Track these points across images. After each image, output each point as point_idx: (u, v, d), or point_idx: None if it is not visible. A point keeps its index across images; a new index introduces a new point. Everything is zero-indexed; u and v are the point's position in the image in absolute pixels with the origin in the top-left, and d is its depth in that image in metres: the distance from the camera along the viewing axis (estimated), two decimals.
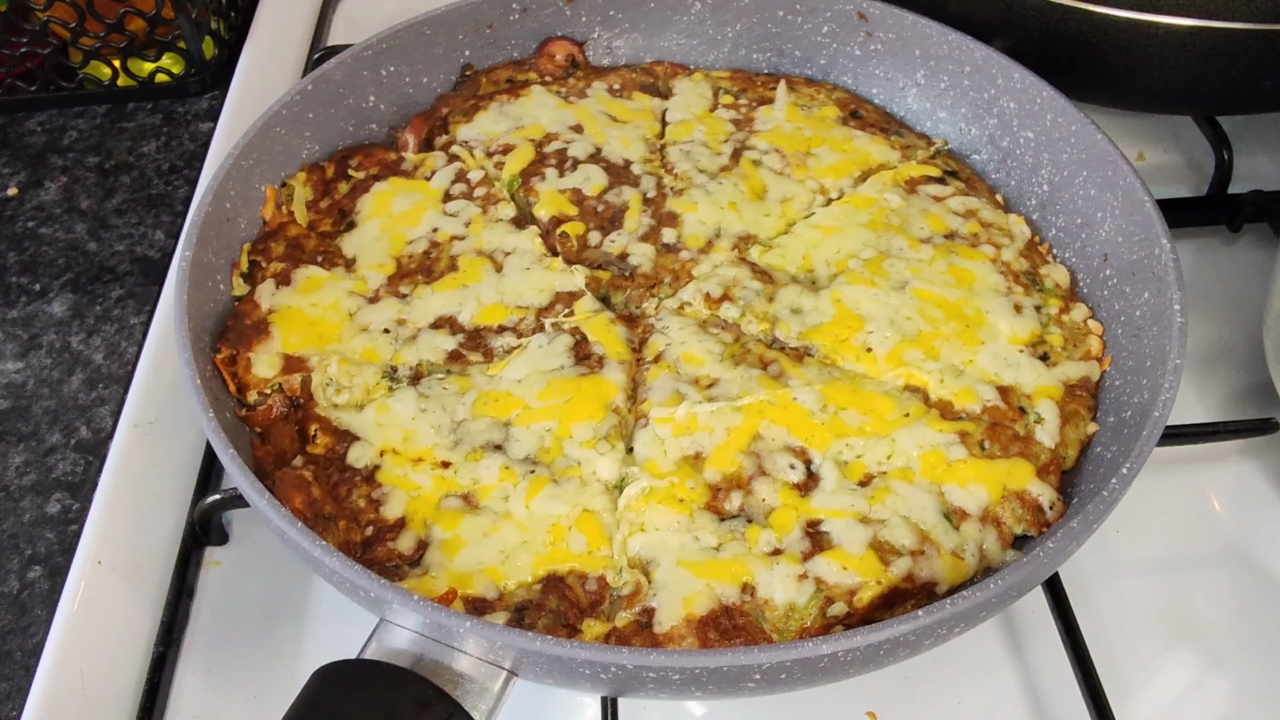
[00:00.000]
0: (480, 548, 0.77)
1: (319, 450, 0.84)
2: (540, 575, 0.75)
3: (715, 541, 0.77)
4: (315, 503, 0.78)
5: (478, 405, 0.86)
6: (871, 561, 0.75)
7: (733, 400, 0.85)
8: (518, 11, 1.14)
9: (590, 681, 0.66)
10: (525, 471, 0.81)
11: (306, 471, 0.81)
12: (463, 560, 0.76)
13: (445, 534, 0.77)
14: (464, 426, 0.84)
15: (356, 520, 0.79)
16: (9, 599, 0.91)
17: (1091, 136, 0.96)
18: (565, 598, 0.74)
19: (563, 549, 0.77)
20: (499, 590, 0.74)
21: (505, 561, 0.76)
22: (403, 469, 0.82)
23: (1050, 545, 0.69)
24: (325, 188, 1.03)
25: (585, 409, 0.85)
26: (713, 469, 0.81)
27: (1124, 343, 0.89)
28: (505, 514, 0.79)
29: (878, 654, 0.66)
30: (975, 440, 0.83)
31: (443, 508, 0.79)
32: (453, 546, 0.77)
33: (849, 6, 1.12)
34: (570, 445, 0.83)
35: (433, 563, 0.76)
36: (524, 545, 0.77)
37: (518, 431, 0.84)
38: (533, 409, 0.85)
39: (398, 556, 0.77)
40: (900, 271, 0.95)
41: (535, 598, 0.74)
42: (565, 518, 0.79)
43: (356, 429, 0.85)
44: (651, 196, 1.04)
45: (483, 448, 0.83)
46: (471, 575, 0.75)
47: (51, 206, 1.25)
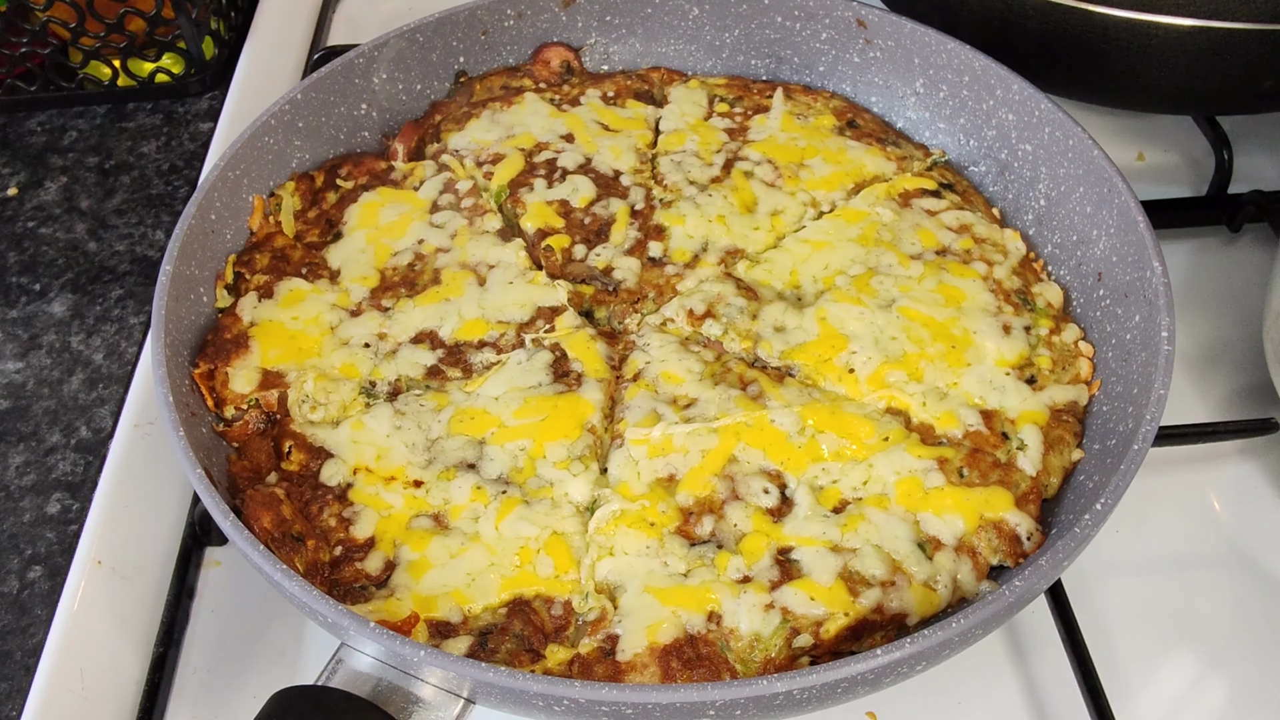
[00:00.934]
0: (447, 570, 0.77)
1: (293, 467, 0.84)
2: (506, 599, 0.76)
3: (684, 568, 0.77)
4: (284, 522, 0.78)
5: (453, 423, 0.86)
6: (839, 592, 0.74)
7: (709, 421, 0.85)
8: (513, 17, 1.14)
9: (545, 713, 0.66)
10: (497, 492, 0.81)
11: (279, 489, 0.81)
12: (429, 582, 0.76)
13: (413, 555, 0.78)
14: (438, 445, 0.85)
15: (326, 540, 0.79)
16: (9, 599, 0.92)
17: (1089, 152, 0.95)
18: (530, 622, 0.74)
19: (529, 572, 0.77)
20: (463, 614, 0.75)
21: (471, 584, 0.76)
22: (375, 487, 0.82)
23: (1018, 583, 0.68)
24: (314, 197, 1.03)
25: (561, 428, 0.85)
26: (686, 492, 0.81)
27: (1114, 366, 0.88)
28: (474, 535, 0.79)
29: (835, 691, 0.65)
30: (954, 467, 0.83)
31: (413, 528, 0.80)
32: (420, 568, 0.77)
33: (848, 13, 1.11)
34: (544, 466, 0.83)
35: (399, 584, 0.76)
36: (491, 568, 0.77)
37: (492, 450, 0.84)
38: (508, 427, 0.85)
39: (365, 577, 0.77)
40: (888, 289, 0.94)
41: (500, 621, 0.74)
42: (534, 540, 0.79)
43: (331, 446, 0.85)
44: (639, 209, 1.03)
45: (456, 466, 0.83)
46: (436, 598, 0.75)
47: (51, 206, 1.26)
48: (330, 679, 0.67)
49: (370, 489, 0.82)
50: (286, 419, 0.88)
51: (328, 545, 0.79)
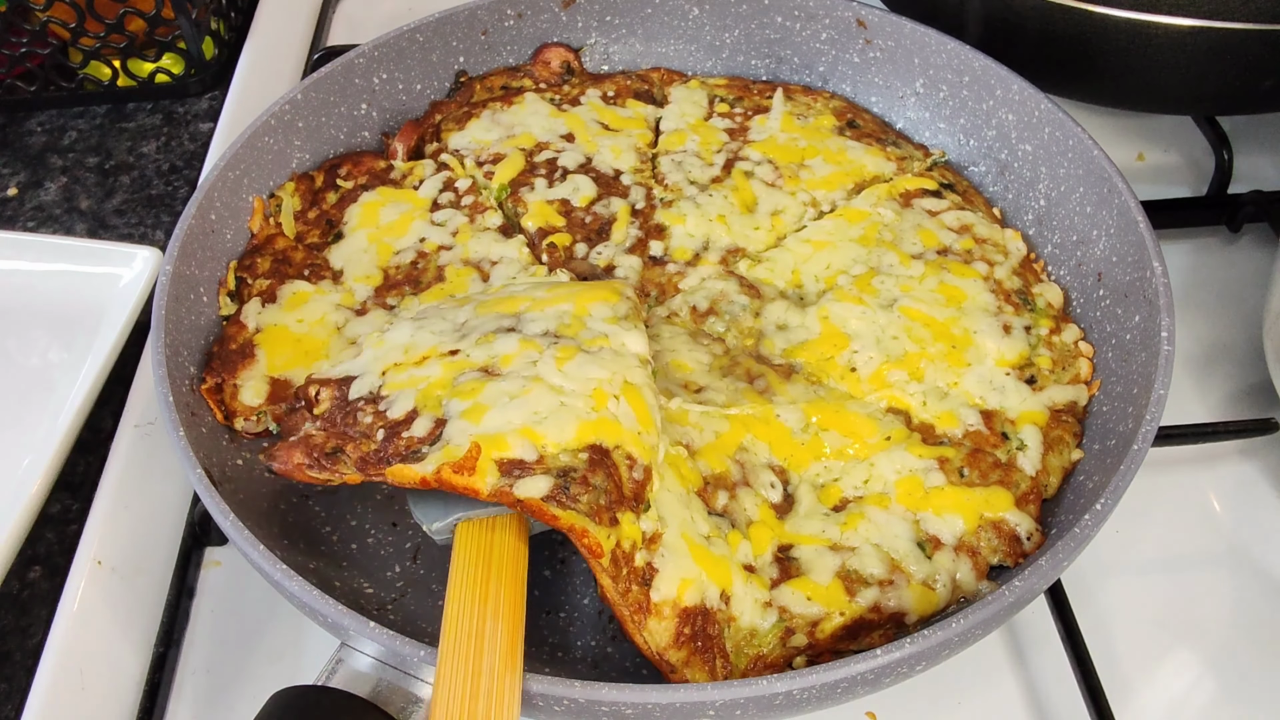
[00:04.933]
0: (509, 409, 0.67)
1: (324, 408, 0.79)
2: (586, 442, 0.67)
3: (706, 530, 0.76)
4: (317, 447, 0.74)
5: (480, 308, 0.80)
6: (836, 592, 0.74)
7: (720, 407, 0.84)
8: (513, 17, 1.14)
9: (545, 713, 0.66)
10: (549, 343, 0.73)
11: (310, 430, 0.77)
12: (491, 423, 0.66)
13: (465, 403, 0.68)
14: (468, 325, 0.78)
15: (368, 436, 0.73)
16: (9, 599, 0.92)
17: (1089, 152, 0.95)
18: (612, 477, 0.66)
19: (609, 419, 0.68)
20: (538, 451, 0.66)
21: (542, 422, 0.66)
22: (406, 373, 0.75)
23: (1017, 583, 0.68)
24: (314, 198, 1.03)
25: (599, 294, 0.80)
26: (703, 462, 0.80)
27: (1114, 366, 0.88)
28: (534, 378, 0.69)
29: (835, 691, 0.65)
30: (955, 467, 0.83)
31: (459, 384, 0.70)
32: (476, 413, 0.67)
33: (848, 13, 1.11)
34: (592, 321, 0.77)
35: (454, 433, 0.67)
36: (563, 409, 0.67)
37: (531, 316, 0.77)
38: (542, 299, 0.79)
39: (415, 442, 0.70)
40: (890, 289, 0.95)
41: (581, 466, 0.67)
42: (608, 383, 0.70)
43: (355, 370, 0.80)
44: (640, 208, 1.03)
45: (494, 332, 0.75)
46: (504, 435, 0.65)
47: (51, 206, 1.26)
48: (330, 679, 0.67)
49: (402, 376, 0.75)
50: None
51: (369, 439, 0.73)
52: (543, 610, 0.81)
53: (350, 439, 0.73)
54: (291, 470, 0.75)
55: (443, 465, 0.66)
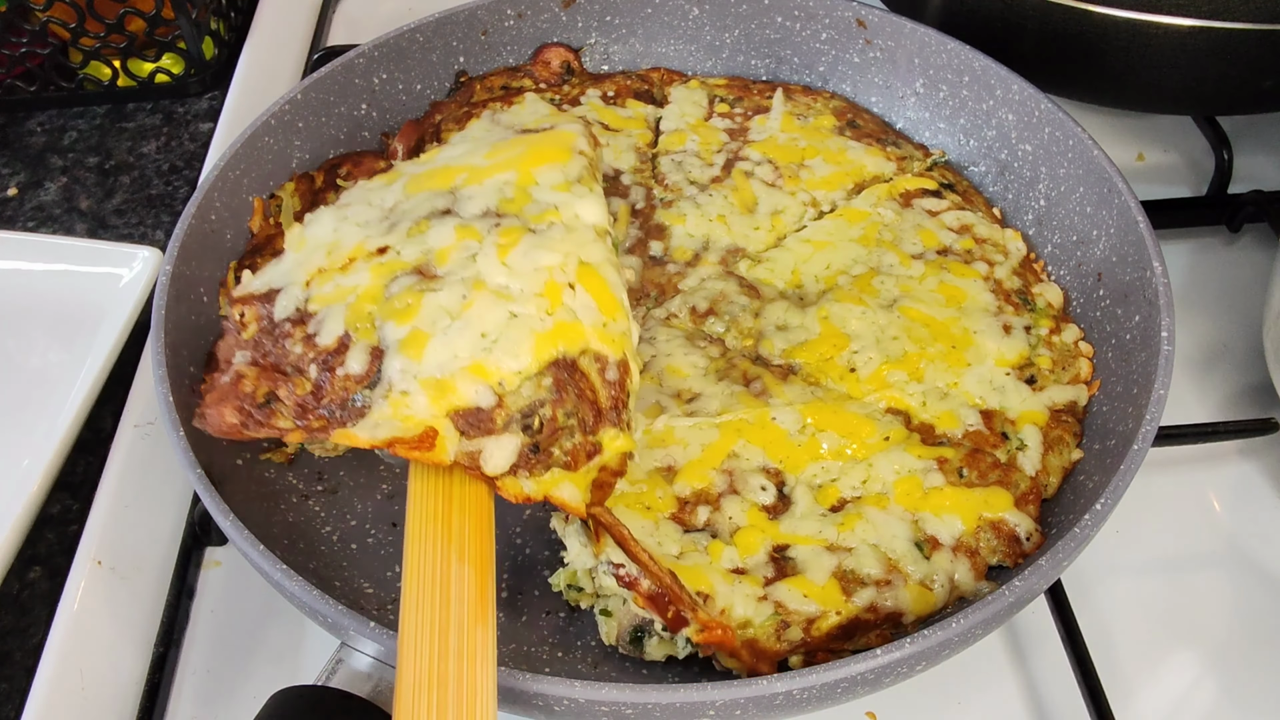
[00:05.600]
0: (452, 336, 0.58)
1: (251, 332, 0.71)
2: (546, 361, 0.59)
3: (677, 550, 0.76)
4: (247, 397, 0.66)
5: (410, 186, 0.70)
6: (833, 591, 0.75)
7: (711, 416, 0.85)
8: (513, 17, 1.14)
9: (544, 713, 0.66)
10: (489, 226, 0.64)
11: (240, 367, 0.67)
12: (434, 359, 0.58)
13: (401, 330, 0.59)
14: (398, 209, 0.68)
15: (300, 370, 0.65)
16: (9, 599, 0.92)
17: (1089, 152, 0.95)
18: (583, 395, 0.59)
19: (567, 321, 0.60)
20: (495, 392, 0.58)
21: (492, 348, 0.58)
22: (332, 282, 0.65)
23: (1017, 583, 0.68)
24: (314, 198, 1.03)
25: (546, 153, 0.71)
26: (683, 483, 0.81)
27: (1113, 366, 0.88)
28: (475, 281, 0.60)
29: (835, 691, 0.66)
30: (954, 467, 0.83)
31: (391, 296, 0.61)
32: (415, 344, 0.58)
33: (848, 13, 1.11)
34: (539, 191, 0.68)
35: (395, 375, 0.59)
36: (513, 321, 0.59)
37: (469, 192, 0.68)
38: (481, 168, 0.70)
39: (352, 383, 0.61)
40: (890, 289, 0.95)
41: (546, 397, 0.59)
42: (560, 269, 0.62)
43: (277, 281, 0.70)
44: (640, 208, 1.03)
45: (427, 218, 0.65)
46: (451, 380, 0.57)
47: (51, 206, 1.26)
48: (330, 679, 0.67)
49: (327, 286, 0.65)
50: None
51: (303, 375, 0.64)
52: (543, 610, 0.81)
53: (282, 378, 0.65)
54: (226, 431, 0.67)
55: (395, 440, 0.58)
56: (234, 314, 0.71)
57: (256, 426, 0.64)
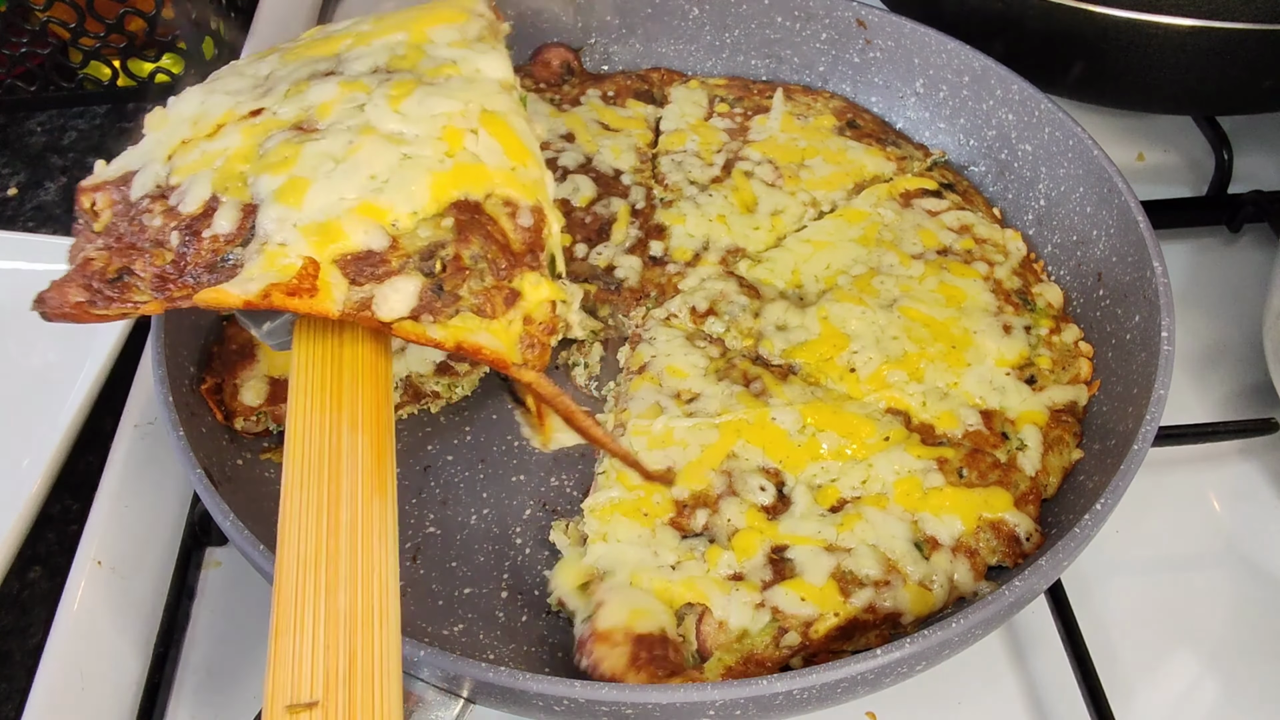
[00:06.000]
0: (336, 180, 0.52)
1: (103, 223, 0.61)
2: (447, 200, 0.53)
3: (674, 559, 0.77)
4: (96, 274, 0.58)
5: (287, 56, 0.64)
6: (831, 593, 0.74)
7: (711, 417, 0.85)
8: (512, 17, 1.13)
9: (544, 713, 0.66)
10: (378, 82, 0.58)
11: (92, 249, 0.59)
12: (316, 203, 0.51)
13: (277, 178, 0.52)
14: (274, 76, 0.61)
15: (160, 243, 0.57)
16: (9, 599, 0.92)
17: (1089, 152, 0.95)
18: (492, 238, 0.53)
19: (469, 164, 0.54)
20: (387, 233, 0.51)
21: (383, 189, 0.52)
22: (197, 150, 0.57)
23: (1017, 583, 0.68)
24: None
25: (440, 15, 0.65)
26: (682, 485, 0.81)
27: (1113, 366, 0.89)
28: (364, 128, 0.54)
29: (835, 691, 0.66)
30: (954, 467, 0.83)
31: (265, 153, 0.54)
32: (293, 192, 0.51)
33: (848, 13, 1.11)
34: (434, 48, 0.62)
35: (270, 225, 0.51)
36: (408, 163, 0.53)
37: (355, 53, 0.61)
38: (367, 33, 0.64)
39: (221, 244, 0.53)
40: (890, 289, 0.95)
41: (448, 238, 0.52)
42: (460, 116, 0.56)
43: (135, 163, 0.61)
44: (640, 208, 1.03)
45: (307, 79, 0.59)
46: (335, 222, 0.51)
47: (51, 206, 1.26)
48: None
49: (192, 154, 0.57)
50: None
51: (163, 247, 0.56)
52: (542, 610, 0.81)
53: (138, 252, 0.57)
54: (70, 312, 0.58)
55: (270, 288, 0.50)
56: (84, 204, 0.64)
57: (106, 303, 0.56)
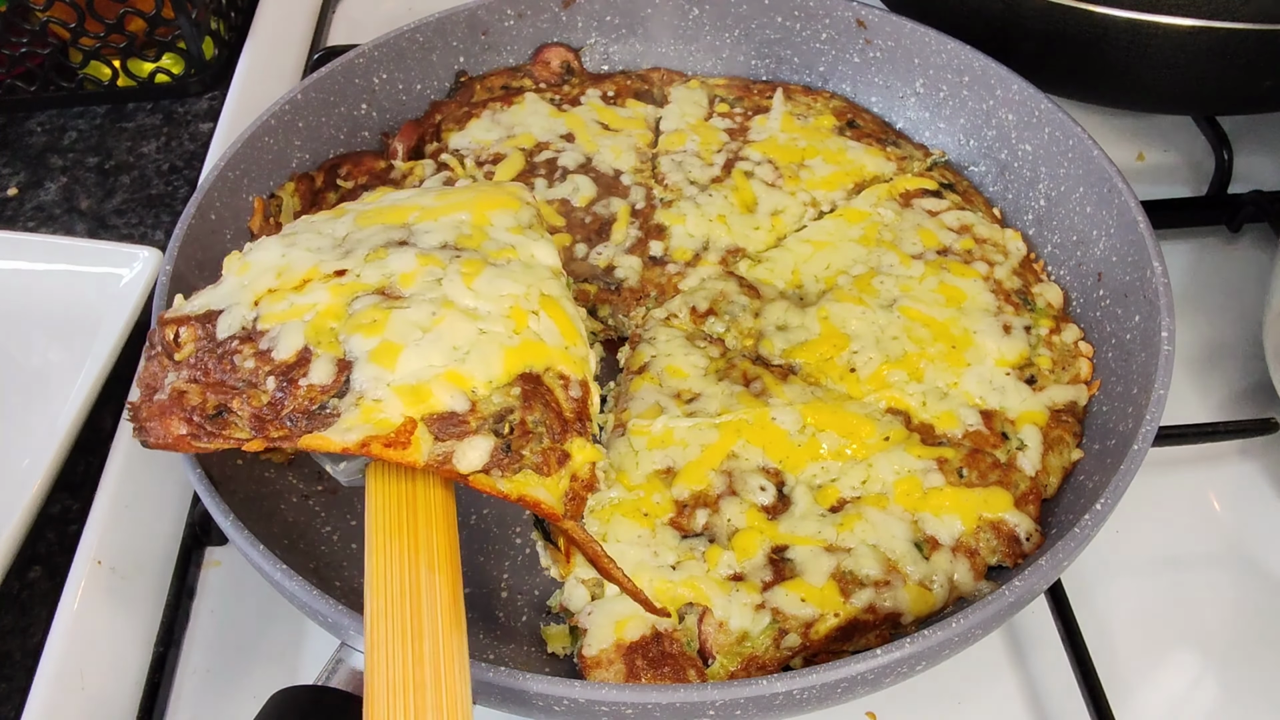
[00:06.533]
0: (425, 347, 0.58)
1: (186, 353, 0.67)
2: (515, 373, 0.59)
3: (674, 559, 0.77)
4: (196, 409, 0.63)
5: (361, 220, 0.70)
6: (831, 593, 0.74)
7: (711, 417, 0.85)
8: (513, 17, 1.14)
9: (544, 713, 0.66)
10: (450, 257, 0.64)
11: (179, 384, 0.65)
12: (408, 368, 0.57)
13: (370, 341, 0.58)
14: (350, 239, 0.67)
15: (254, 385, 0.62)
16: (9, 599, 0.92)
17: (1089, 152, 0.95)
18: (549, 405, 0.60)
19: (534, 340, 0.61)
20: (469, 398, 0.58)
21: (465, 359, 0.58)
22: (284, 301, 0.63)
23: (1017, 583, 0.68)
24: (314, 198, 1.03)
25: (497, 200, 0.71)
26: (682, 485, 0.81)
27: (1114, 366, 0.89)
28: (444, 300, 0.60)
29: (835, 691, 0.66)
30: (954, 467, 0.83)
31: (355, 313, 0.60)
32: (387, 354, 0.57)
33: (848, 13, 1.11)
34: (494, 231, 0.68)
35: (367, 382, 0.57)
36: (484, 338, 0.59)
37: (424, 226, 0.67)
38: (433, 208, 0.70)
39: (318, 393, 0.59)
40: (890, 289, 0.95)
41: (515, 405, 0.60)
42: (524, 298, 0.63)
43: (218, 303, 0.68)
44: (640, 208, 1.03)
45: (384, 246, 0.64)
46: (427, 385, 0.56)
47: (51, 206, 1.26)
48: (330, 679, 0.67)
49: (280, 305, 0.63)
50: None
51: (258, 389, 0.62)
52: (543, 610, 0.81)
53: (233, 391, 0.62)
54: (172, 444, 0.64)
55: (371, 439, 0.57)
56: (165, 335, 0.69)
57: (209, 438, 0.62)
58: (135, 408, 0.64)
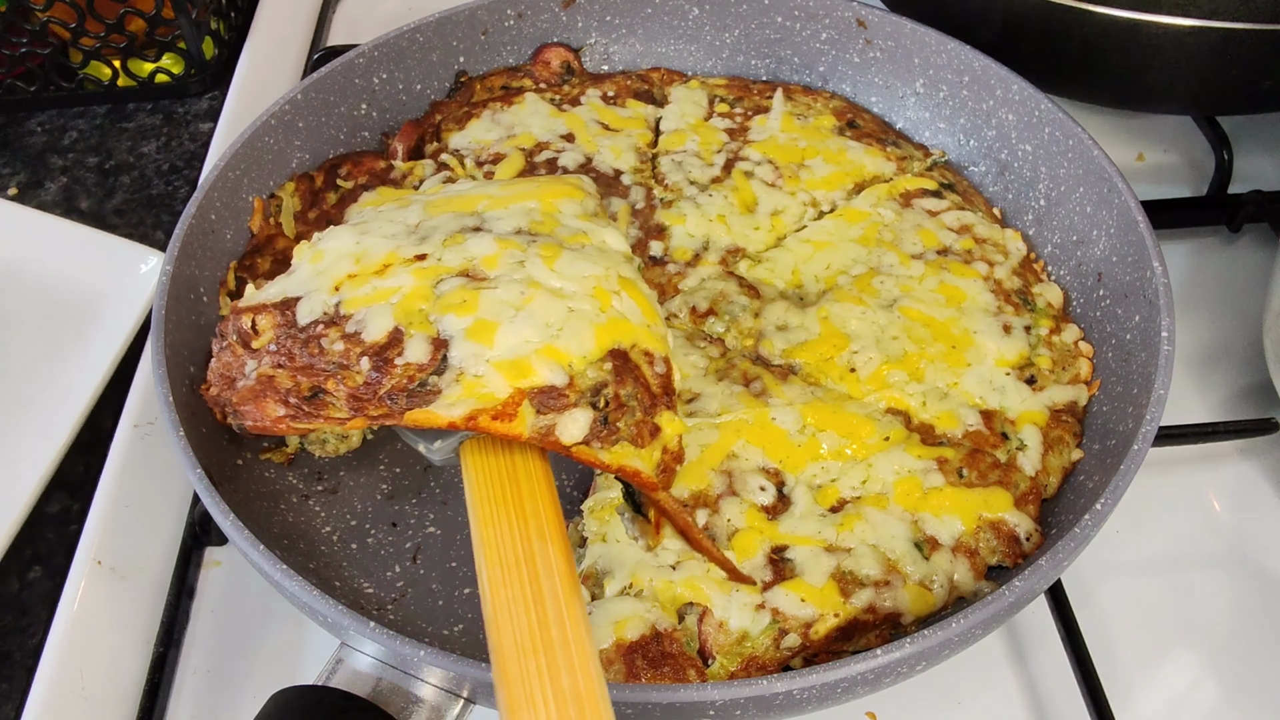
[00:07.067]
0: (519, 325, 0.59)
1: (264, 341, 0.68)
2: (606, 348, 0.61)
3: (674, 559, 0.76)
4: (291, 391, 0.63)
5: (430, 209, 0.70)
6: (831, 593, 0.74)
7: (711, 417, 0.85)
8: (513, 17, 1.14)
9: None
10: (527, 241, 0.65)
11: (264, 370, 0.65)
12: (506, 343, 0.58)
13: (464, 320, 0.59)
14: (424, 226, 0.68)
15: (346, 366, 0.62)
16: (9, 599, 0.92)
17: (1089, 152, 0.95)
18: (639, 380, 0.62)
19: (619, 319, 0.62)
20: (566, 373, 0.59)
21: (560, 335, 0.59)
22: (367, 286, 0.63)
23: (1017, 583, 0.68)
24: (314, 198, 1.03)
25: (563, 190, 0.72)
26: (682, 485, 0.81)
27: (1114, 366, 0.89)
28: (530, 281, 0.61)
29: (835, 691, 0.66)
30: (954, 467, 0.83)
31: (442, 294, 0.61)
32: (484, 331, 0.58)
33: (848, 13, 1.11)
34: (564, 218, 0.70)
35: (465, 359, 0.58)
36: (574, 315, 0.60)
37: (495, 214, 0.68)
38: (501, 196, 0.70)
39: (417, 370, 0.60)
40: (890, 289, 0.95)
41: (609, 379, 0.61)
42: (605, 280, 0.64)
43: (295, 290, 0.68)
44: (640, 208, 1.03)
45: (460, 232, 0.65)
46: (526, 360, 0.57)
47: (51, 206, 1.26)
48: (330, 679, 0.67)
49: (362, 289, 0.64)
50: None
51: (350, 369, 0.62)
52: None
53: (324, 373, 0.63)
54: (269, 425, 0.64)
55: (479, 411, 0.57)
56: (242, 324, 0.69)
57: (307, 418, 0.62)
58: (216, 397, 0.65)
